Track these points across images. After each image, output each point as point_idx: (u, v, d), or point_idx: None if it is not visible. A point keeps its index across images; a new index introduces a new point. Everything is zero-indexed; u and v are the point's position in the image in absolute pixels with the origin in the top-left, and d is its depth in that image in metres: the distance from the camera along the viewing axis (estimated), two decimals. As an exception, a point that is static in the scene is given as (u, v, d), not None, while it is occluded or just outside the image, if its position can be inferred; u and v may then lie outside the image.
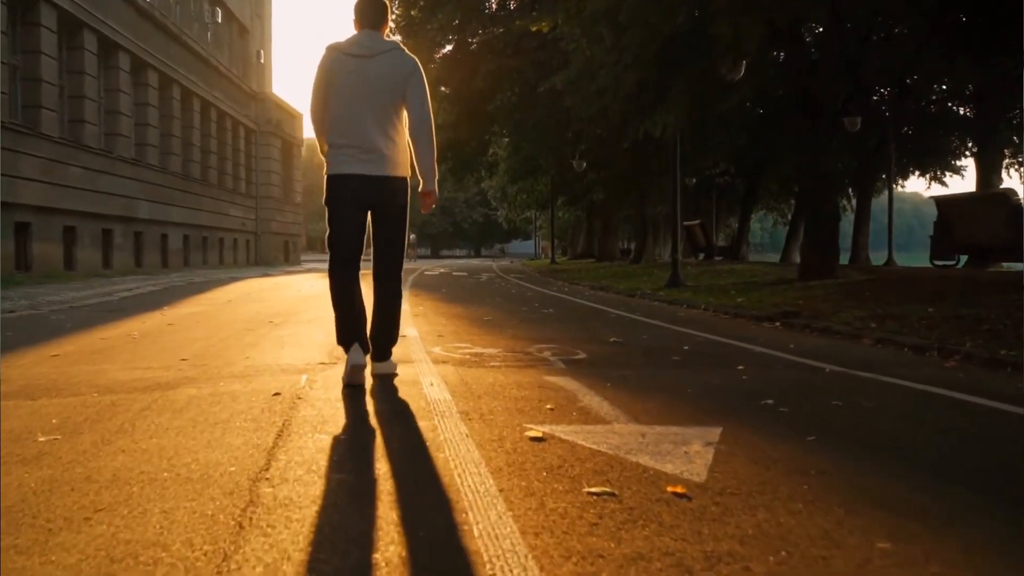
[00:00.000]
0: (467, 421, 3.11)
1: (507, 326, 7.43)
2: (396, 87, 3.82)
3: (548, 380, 4.15)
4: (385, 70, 3.81)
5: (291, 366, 4.62)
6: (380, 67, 3.81)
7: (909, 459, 2.71)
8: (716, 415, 3.32)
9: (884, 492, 2.28)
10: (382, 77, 3.81)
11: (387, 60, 3.83)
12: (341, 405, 3.45)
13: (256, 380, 4.11)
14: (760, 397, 3.75)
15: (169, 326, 7.47)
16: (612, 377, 4.30)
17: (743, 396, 3.85)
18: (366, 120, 3.79)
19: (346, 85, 3.81)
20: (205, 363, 4.81)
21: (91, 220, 19.20)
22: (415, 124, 3.90)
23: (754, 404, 3.61)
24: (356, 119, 3.80)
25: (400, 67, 3.84)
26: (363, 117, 3.79)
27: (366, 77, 3.79)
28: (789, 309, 8.58)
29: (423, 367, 4.59)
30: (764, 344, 6.15)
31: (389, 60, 3.84)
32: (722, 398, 3.79)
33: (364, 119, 3.79)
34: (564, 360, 5.01)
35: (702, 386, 4.09)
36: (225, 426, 3.03)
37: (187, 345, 5.77)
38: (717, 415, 3.32)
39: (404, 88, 3.83)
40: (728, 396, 3.85)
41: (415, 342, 5.88)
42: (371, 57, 3.82)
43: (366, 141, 3.79)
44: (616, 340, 6.37)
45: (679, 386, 4.11)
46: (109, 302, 11.29)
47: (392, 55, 3.86)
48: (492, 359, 5.00)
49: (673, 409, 3.48)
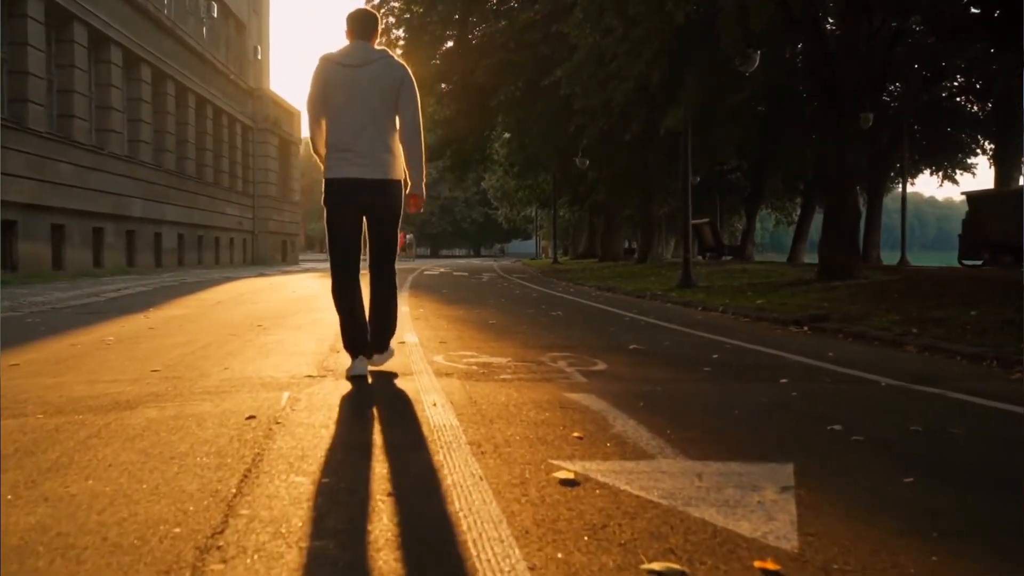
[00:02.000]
0: (480, 456, 2.53)
1: (515, 331, 6.87)
2: (388, 94, 4.01)
3: (569, 398, 3.58)
4: (377, 78, 4.00)
5: (273, 380, 4.05)
6: (372, 75, 4.00)
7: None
8: (779, 446, 2.75)
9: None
10: (374, 84, 3.99)
11: (378, 68, 4.02)
12: (326, 432, 2.87)
13: (231, 398, 3.54)
14: (822, 420, 3.18)
15: (150, 330, 6.89)
16: (641, 393, 3.73)
17: (802, 419, 3.29)
18: (360, 126, 3.98)
19: (340, 93, 4.00)
20: (177, 375, 4.24)
21: (81, 218, 18.61)
22: (406, 129, 4.07)
23: (819, 430, 3.04)
24: (351, 125, 3.99)
25: (391, 74, 4.03)
26: (357, 123, 3.98)
27: (359, 85, 3.99)
28: (816, 312, 8.01)
29: (424, 381, 4.02)
30: (799, 351, 5.59)
31: (380, 68, 4.03)
32: (778, 422, 3.22)
33: (358, 125, 3.98)
34: (583, 372, 4.44)
35: (749, 405, 3.52)
36: (182, 462, 2.46)
37: (163, 353, 5.20)
38: (780, 446, 2.75)
39: (396, 95, 4.02)
40: (784, 419, 3.28)
41: (415, 349, 5.31)
42: (362, 66, 4.01)
43: (361, 146, 3.98)
44: (636, 347, 5.80)
45: (722, 405, 3.54)
46: (94, 303, 10.71)
47: (382, 63, 4.05)
48: (502, 370, 4.43)
49: (724, 437, 2.91)
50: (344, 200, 4.03)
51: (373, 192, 4.01)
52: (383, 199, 4.04)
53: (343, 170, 4.00)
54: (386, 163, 4.02)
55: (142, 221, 22.02)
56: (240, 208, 30.88)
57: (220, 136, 29.07)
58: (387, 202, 4.06)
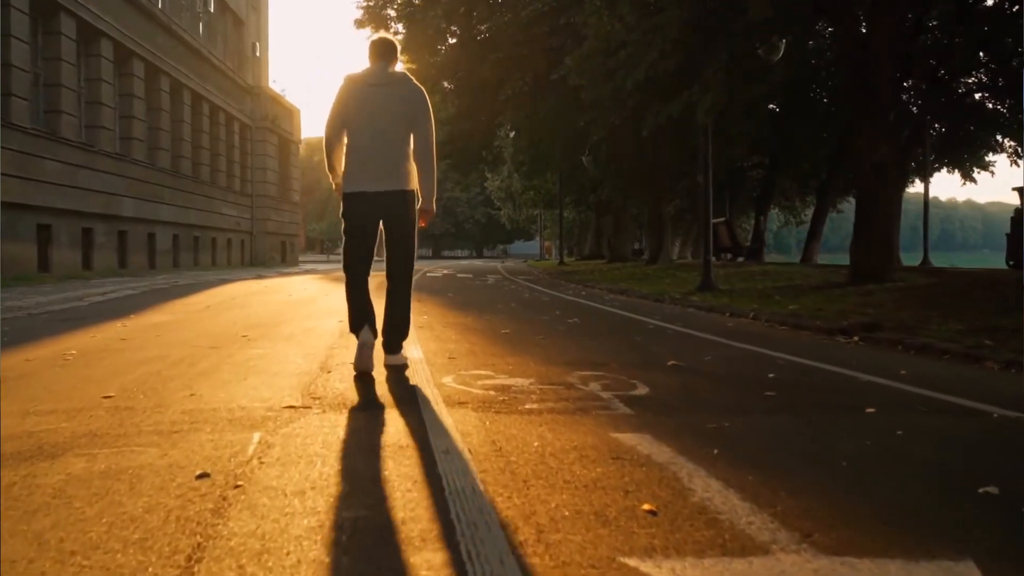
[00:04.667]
0: (521, 550, 1.75)
1: (532, 342, 6.08)
2: (405, 112, 4.30)
3: (620, 441, 2.80)
4: (396, 97, 4.30)
5: (245, 413, 3.27)
6: (391, 94, 4.31)
7: None
8: (934, 524, 1.97)
9: None
10: (393, 103, 4.29)
11: (397, 88, 4.33)
12: (299, 505, 2.08)
13: (185, 442, 2.76)
14: (963, 477, 2.40)
15: (121, 342, 6.11)
16: (708, 432, 2.96)
17: (935, 474, 2.50)
18: (379, 140, 4.26)
19: (362, 109, 4.30)
20: (130, 404, 3.46)
21: (69, 218, 17.85)
22: (420, 147, 4.33)
23: (969, 494, 2.25)
24: (370, 139, 4.27)
25: (409, 95, 4.32)
26: (377, 138, 4.26)
27: (379, 103, 4.29)
28: (863, 320, 7.21)
29: (433, 413, 3.24)
30: (865, 369, 4.80)
31: (399, 88, 4.34)
32: (908, 479, 2.43)
33: (377, 139, 4.26)
34: (622, 398, 3.66)
35: (854, 451, 2.73)
36: (83, 563, 1.68)
37: (124, 372, 4.42)
38: (935, 524, 1.97)
39: (412, 114, 4.30)
40: (913, 475, 2.49)
41: (420, 368, 4.53)
42: (383, 86, 4.33)
43: (379, 159, 4.26)
44: (675, 363, 5.01)
45: (820, 451, 2.76)
46: (75, 308, 9.95)
47: (402, 84, 4.35)
48: (526, 397, 3.65)
49: (851, 508, 2.12)
50: (362, 212, 4.30)
51: (390, 203, 4.28)
52: (399, 210, 4.30)
53: (362, 183, 4.26)
54: (402, 176, 4.28)
55: (135, 221, 21.25)
56: (238, 208, 30.10)
57: (217, 134, 28.31)
58: (403, 212, 4.32)
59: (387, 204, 4.28)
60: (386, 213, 4.32)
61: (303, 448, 2.65)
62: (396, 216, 4.32)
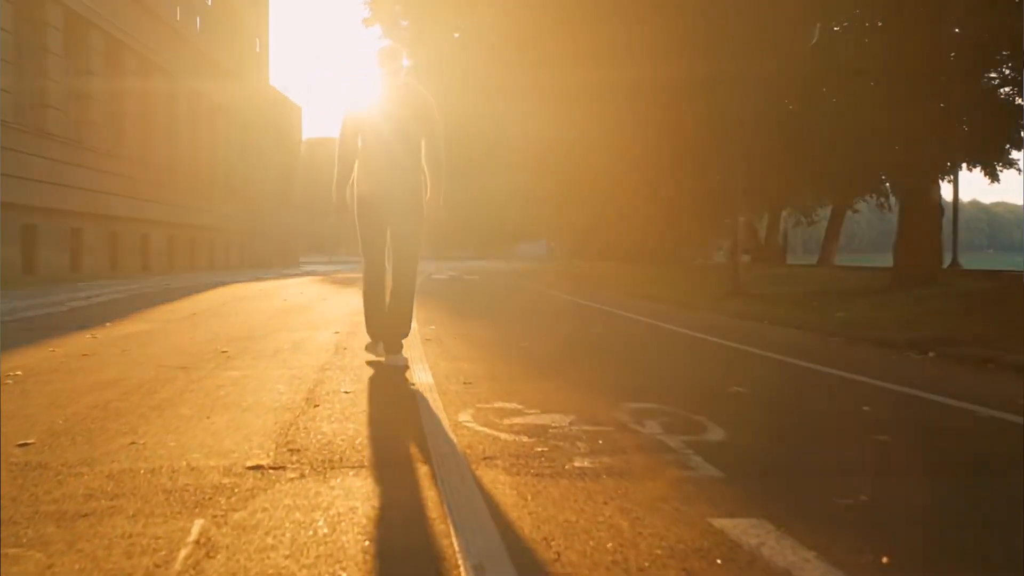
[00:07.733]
0: None
1: (558, 360, 5.20)
2: (414, 119, 4.47)
3: (729, 536, 1.91)
4: (405, 104, 4.50)
5: (192, 479, 2.37)
6: (401, 101, 4.50)
7: None
8: None
9: None
10: (403, 109, 4.48)
11: (407, 95, 4.53)
12: None
13: (86, 539, 1.86)
14: None
15: (81, 359, 5.23)
16: (844, 515, 2.08)
17: None
18: (390, 145, 4.46)
19: (373, 116, 4.52)
20: (44, 461, 2.58)
21: (56, 217, 17.00)
22: (430, 152, 4.51)
23: None
24: (381, 145, 4.47)
25: (418, 101, 4.52)
26: (387, 143, 4.46)
27: (390, 110, 4.50)
28: (930, 333, 6.32)
29: (453, 481, 2.36)
30: (974, 399, 3.90)
31: (409, 96, 4.54)
32: None
33: (388, 145, 4.46)
34: (696, 446, 2.79)
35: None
36: None
37: (65, 403, 3.54)
38: None
39: (422, 121, 4.48)
40: None
41: (431, 397, 3.66)
42: (393, 93, 4.52)
43: (389, 164, 4.45)
44: (737, 390, 4.12)
45: (1003, 548, 1.87)
46: (50, 315, 9.08)
47: (411, 92, 4.56)
48: (571, 446, 2.77)
49: None
50: (373, 215, 4.52)
51: (399, 206, 4.49)
52: (407, 213, 4.51)
53: (373, 187, 4.48)
54: (411, 180, 4.48)
55: (127, 221, 20.40)
56: (236, 208, 29.24)
57: (215, 132, 27.46)
58: (410, 215, 4.52)
59: (396, 208, 4.50)
60: (395, 217, 4.53)
61: (260, 557, 1.76)
62: (403, 221, 4.53)
